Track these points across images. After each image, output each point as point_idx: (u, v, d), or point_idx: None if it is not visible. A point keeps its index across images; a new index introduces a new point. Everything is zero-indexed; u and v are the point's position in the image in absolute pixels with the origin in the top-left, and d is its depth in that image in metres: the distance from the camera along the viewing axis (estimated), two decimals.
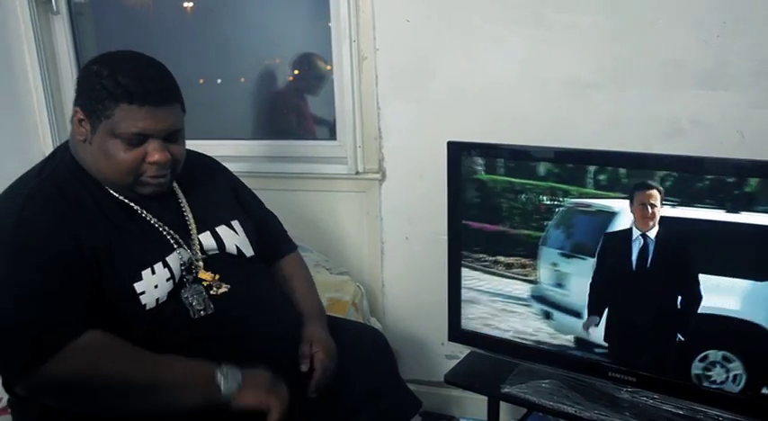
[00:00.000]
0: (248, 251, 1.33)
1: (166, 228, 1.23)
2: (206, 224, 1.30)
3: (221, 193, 1.40)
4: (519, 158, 1.45)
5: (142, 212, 1.22)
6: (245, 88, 2.30)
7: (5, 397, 1.26)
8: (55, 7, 2.20)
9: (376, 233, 2.01)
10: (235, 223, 1.34)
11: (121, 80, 1.11)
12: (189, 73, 1.24)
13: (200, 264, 1.25)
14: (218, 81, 2.29)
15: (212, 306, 1.20)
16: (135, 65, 1.15)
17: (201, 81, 2.26)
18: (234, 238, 1.32)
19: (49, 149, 2.23)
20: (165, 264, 1.18)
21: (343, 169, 1.99)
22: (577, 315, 1.43)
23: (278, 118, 2.35)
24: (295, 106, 2.30)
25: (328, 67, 2.08)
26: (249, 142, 2.20)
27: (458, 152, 1.50)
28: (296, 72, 2.22)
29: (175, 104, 1.18)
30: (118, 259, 1.14)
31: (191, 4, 2.25)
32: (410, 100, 1.87)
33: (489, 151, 1.48)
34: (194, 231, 1.27)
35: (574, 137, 1.56)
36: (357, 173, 1.97)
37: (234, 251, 1.31)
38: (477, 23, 1.76)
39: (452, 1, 1.77)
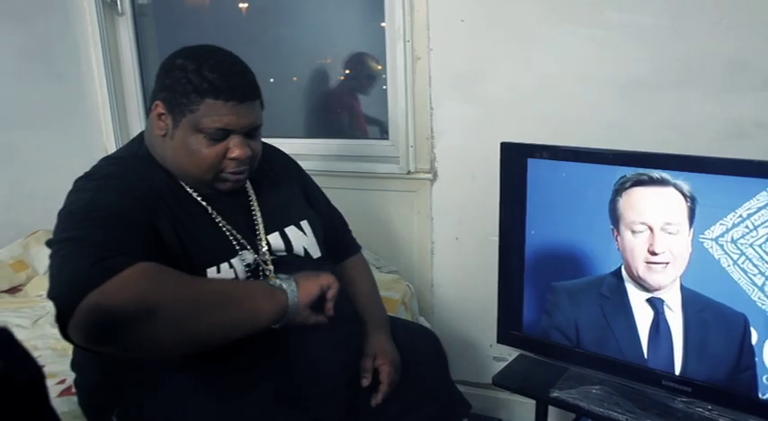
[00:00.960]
0: (315, 252, 1.31)
1: (233, 230, 1.21)
2: (275, 224, 1.28)
3: (291, 192, 1.38)
4: (574, 160, 1.43)
5: (212, 213, 1.20)
6: (297, 87, 2.34)
7: (71, 377, 1.32)
8: (120, 8, 2.29)
9: (426, 233, 2.02)
10: (304, 224, 1.32)
11: (208, 75, 1.10)
12: None
13: (270, 267, 1.23)
14: (271, 80, 2.33)
15: None
16: (220, 60, 1.14)
17: None
18: (302, 239, 1.30)
19: (111, 145, 2.31)
20: (231, 266, 1.17)
21: (395, 168, 2.00)
22: None
23: (330, 117, 2.37)
24: (347, 105, 2.32)
25: (379, 67, 2.10)
26: (302, 140, 2.23)
27: (511, 153, 1.49)
28: (347, 71, 2.24)
29: (257, 101, 1.18)
30: (184, 255, 1.12)
31: (246, 5, 2.30)
32: (463, 100, 1.87)
33: (544, 152, 1.46)
34: (262, 232, 1.25)
35: (630, 139, 1.53)
36: (409, 172, 1.98)
37: (301, 252, 1.29)
38: (533, 23, 1.74)
39: (508, 1, 1.76)
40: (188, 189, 1.19)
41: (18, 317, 1.73)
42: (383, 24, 1.98)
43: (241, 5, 2.31)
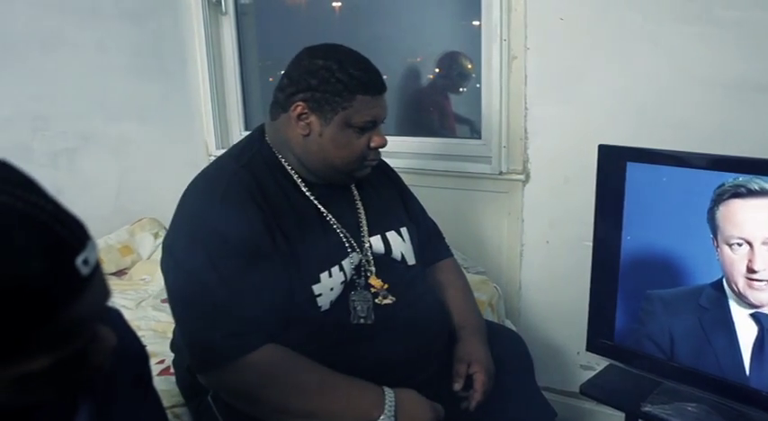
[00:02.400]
0: (411, 259, 1.34)
1: (344, 230, 1.25)
2: (378, 227, 1.31)
3: (392, 198, 1.41)
4: (676, 165, 1.37)
5: (327, 215, 1.24)
6: (387, 85, 2.35)
7: (169, 358, 1.39)
8: (224, 8, 2.39)
9: (516, 235, 1.99)
10: (403, 230, 1.35)
11: (353, 72, 1.17)
12: None
13: (373, 269, 1.27)
14: None
15: (373, 317, 1.22)
16: (355, 57, 1.21)
17: None
18: (401, 245, 1.33)
19: (211, 141, 2.42)
20: (341, 268, 1.21)
21: (487, 168, 1.98)
22: None
23: (420, 115, 2.38)
24: (437, 104, 2.31)
25: (469, 66, 2.08)
26: (392, 138, 2.22)
27: (610, 156, 1.44)
28: (437, 70, 2.24)
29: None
30: (301, 259, 1.17)
31: (339, 4, 2.34)
32: (560, 101, 1.82)
33: (644, 156, 1.40)
34: (366, 233, 1.29)
35: (739, 144, 1.45)
36: (500, 173, 1.95)
37: (398, 257, 1.32)
38: (636, 21, 1.68)
39: None
40: (306, 191, 1.23)
41: (123, 298, 1.85)
42: (475, 23, 1.97)
43: (334, 4, 2.36)
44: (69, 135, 2.05)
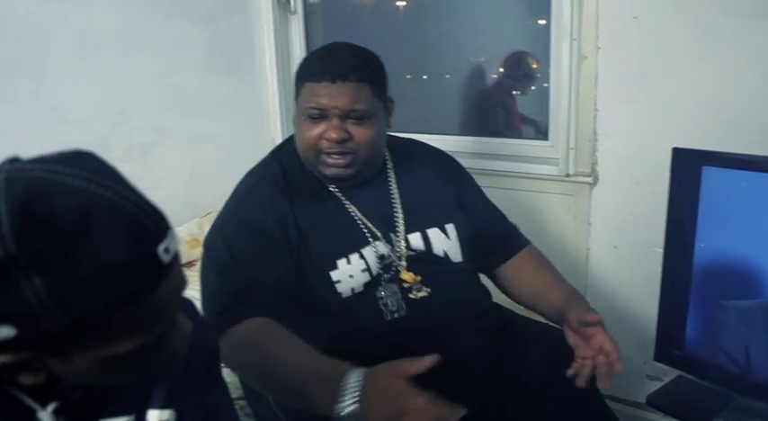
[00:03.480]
0: (456, 257, 1.32)
1: (367, 221, 1.26)
2: (417, 224, 1.30)
3: (443, 193, 1.38)
4: (756, 169, 1.31)
5: (345, 202, 1.27)
6: (449, 84, 2.35)
7: None
8: (293, 8, 2.43)
9: (582, 239, 1.94)
10: (449, 227, 1.33)
11: (311, 61, 1.21)
12: (398, 69, 1.30)
13: (404, 263, 1.26)
14: (424, 77, 2.36)
15: (405, 307, 1.22)
16: (332, 49, 1.22)
17: (409, 77, 2.36)
18: (444, 242, 1.31)
19: (278, 136, 2.47)
20: (361, 256, 1.22)
21: (553, 170, 1.94)
22: None
23: (484, 115, 2.36)
24: (502, 104, 2.29)
25: (535, 66, 2.05)
26: (457, 138, 2.22)
27: (684, 160, 1.39)
28: (501, 70, 2.21)
29: (361, 84, 1.18)
30: (318, 245, 1.20)
31: (404, 3, 2.35)
32: (632, 102, 1.77)
33: (721, 160, 1.35)
34: (402, 228, 1.28)
35: None
36: (567, 175, 1.92)
37: (440, 254, 1.30)
38: (716, 19, 1.61)
39: None
40: (328, 183, 1.27)
41: (192, 289, 1.90)
42: (541, 22, 1.94)
43: (399, 4, 2.37)
44: (145, 130, 2.13)
